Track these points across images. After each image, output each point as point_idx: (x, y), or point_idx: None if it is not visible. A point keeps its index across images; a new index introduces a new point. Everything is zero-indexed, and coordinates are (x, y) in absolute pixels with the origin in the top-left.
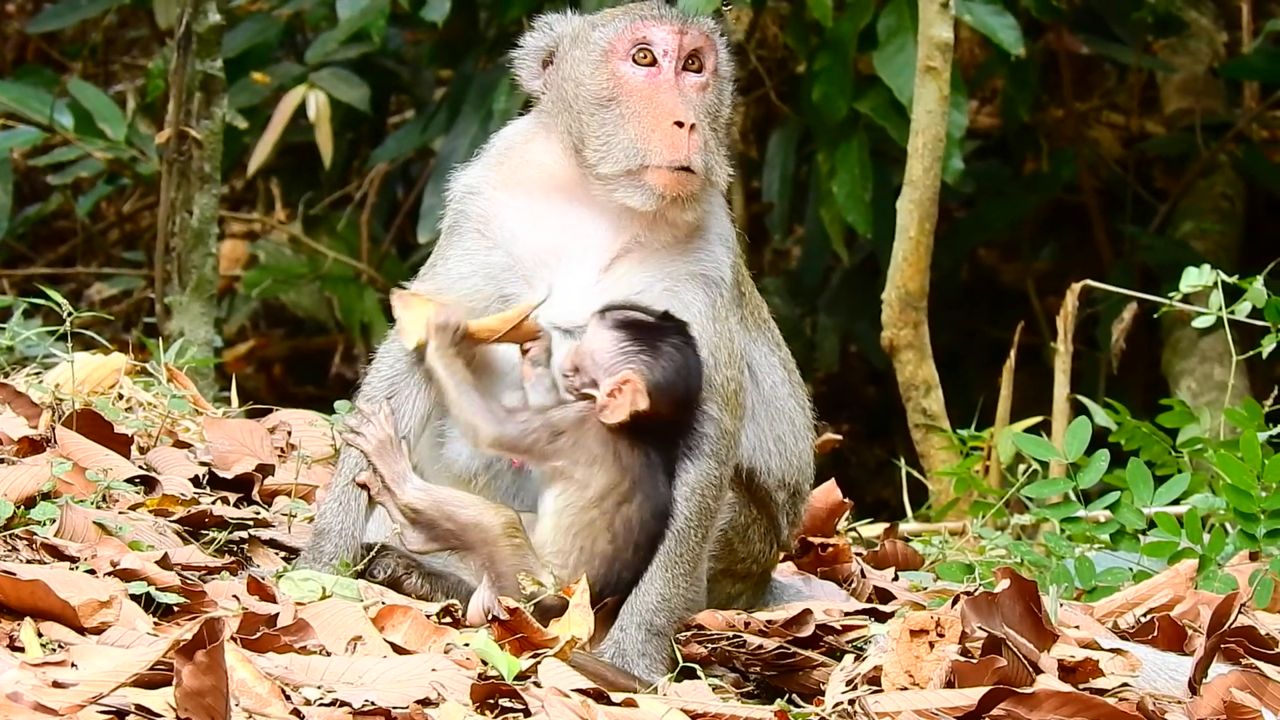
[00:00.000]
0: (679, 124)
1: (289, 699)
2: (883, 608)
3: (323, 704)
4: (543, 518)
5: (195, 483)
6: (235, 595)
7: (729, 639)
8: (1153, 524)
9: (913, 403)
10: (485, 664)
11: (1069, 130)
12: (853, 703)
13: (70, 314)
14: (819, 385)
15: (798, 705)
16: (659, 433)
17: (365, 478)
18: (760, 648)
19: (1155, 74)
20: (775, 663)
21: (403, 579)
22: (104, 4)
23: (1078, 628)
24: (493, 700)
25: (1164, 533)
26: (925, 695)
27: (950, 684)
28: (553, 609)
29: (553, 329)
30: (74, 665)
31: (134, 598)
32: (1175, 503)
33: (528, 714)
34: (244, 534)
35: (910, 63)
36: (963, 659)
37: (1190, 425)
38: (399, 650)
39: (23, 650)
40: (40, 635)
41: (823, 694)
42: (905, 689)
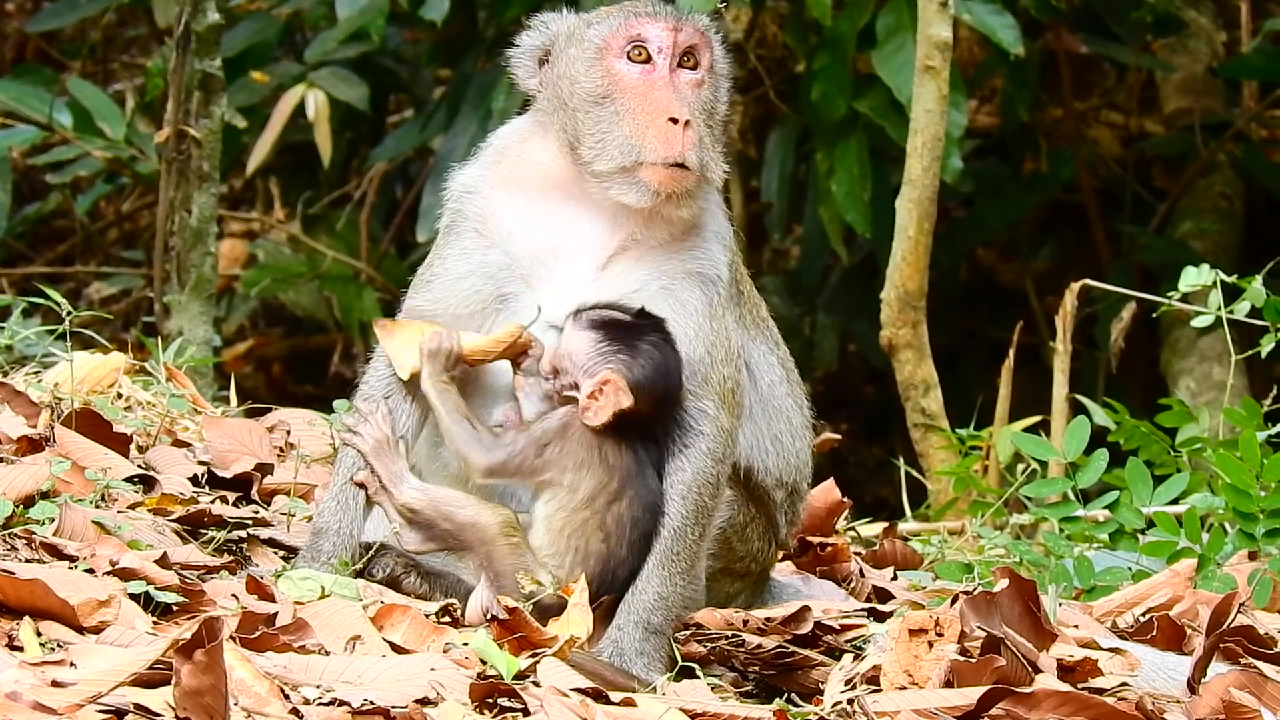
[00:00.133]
0: (673, 120)
1: (288, 698)
2: (881, 607)
3: (321, 703)
4: (535, 522)
5: (194, 482)
6: (234, 594)
7: (728, 638)
8: (1151, 523)
9: (911, 402)
10: (484, 663)
11: (1068, 130)
12: (851, 702)
13: (69, 313)
14: (818, 384)
15: (796, 704)
16: (643, 430)
17: (363, 477)
18: (759, 647)
19: (1154, 73)
20: (774, 662)
21: (401, 578)
22: (103, 3)
23: (1076, 627)
24: (491, 699)
25: (1163, 532)
26: (924, 695)
27: (949, 683)
28: (551, 608)
29: (549, 328)
30: (73, 664)
31: (133, 597)
32: (1174, 502)
33: (526, 713)
34: (243, 533)
35: (909, 62)
36: (961, 658)
37: (1189, 425)
38: (398, 649)
39: (22, 649)
40: (39, 634)
41: (821, 693)
42: (904, 688)
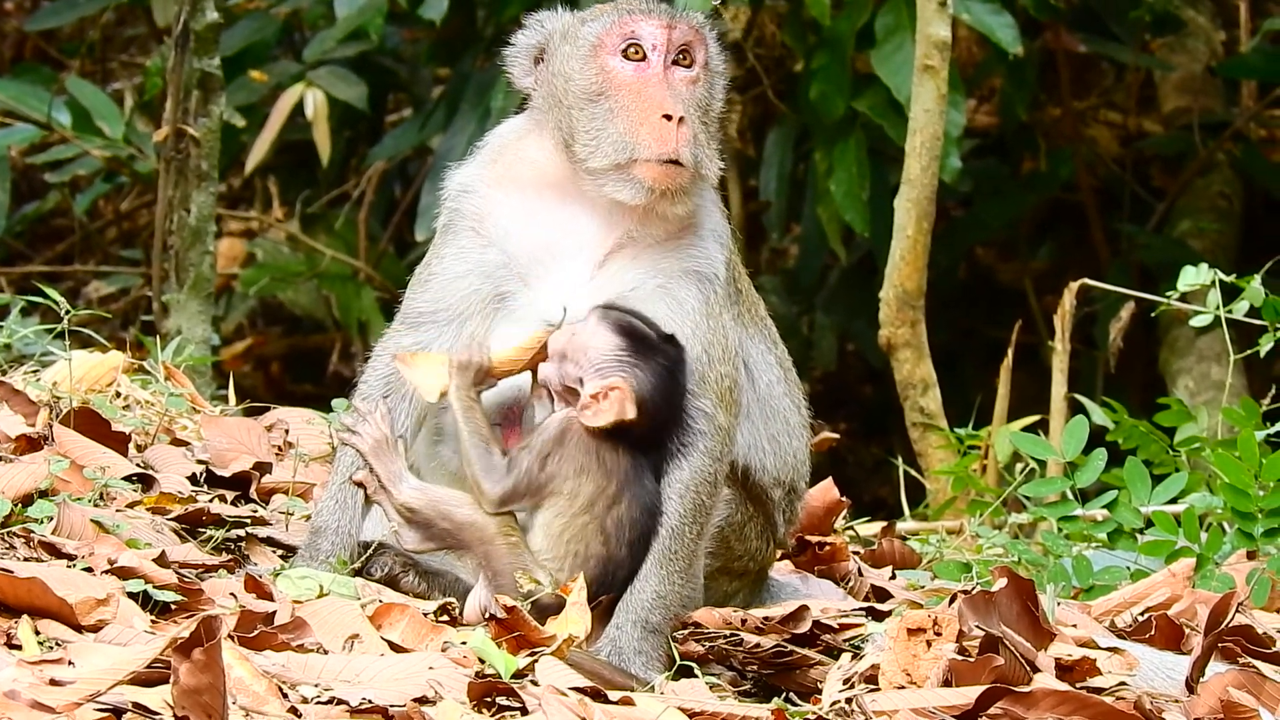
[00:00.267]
0: (667, 117)
1: (286, 697)
2: (880, 606)
3: (320, 702)
4: (534, 528)
5: (193, 481)
6: (232, 593)
7: (726, 637)
8: (1150, 523)
9: (910, 401)
10: (482, 662)
11: (1067, 129)
12: (850, 701)
13: (68, 312)
14: (816, 384)
15: (795, 704)
16: (636, 439)
17: (362, 476)
18: (757, 646)
19: (1153, 73)
20: (772, 661)
21: (400, 577)
22: (102, 2)
23: (1075, 626)
24: (490, 698)
25: (1161, 531)
26: (922, 694)
27: (947, 683)
28: (549, 607)
29: (546, 327)
30: (71, 663)
31: (131, 595)
32: (1173, 501)
33: (525, 712)
34: (241, 532)
35: (908, 61)
36: (960, 658)
37: (1188, 424)
38: (396, 648)
39: (20, 648)
40: (38, 633)
41: (820, 692)
42: (902, 688)
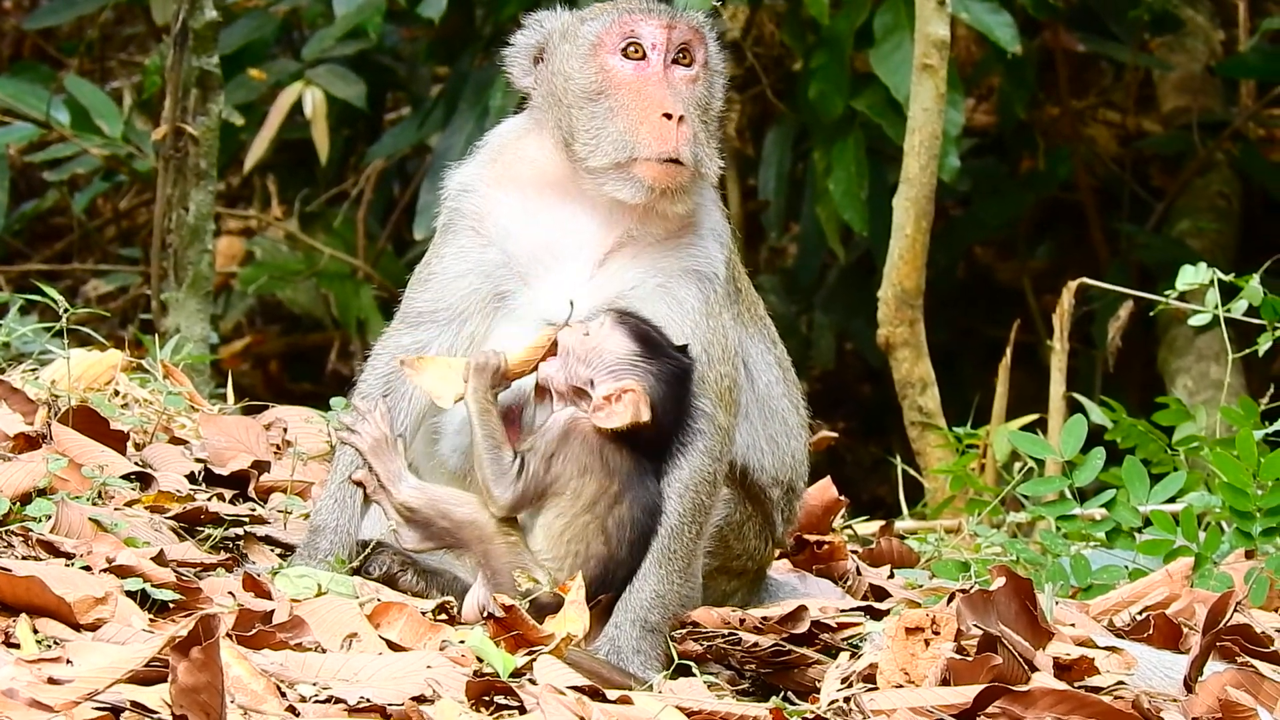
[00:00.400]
0: (667, 116)
1: (284, 696)
2: (878, 605)
3: (318, 701)
4: (535, 528)
5: (191, 479)
6: (231, 592)
7: (724, 636)
8: (1148, 522)
9: (909, 400)
10: (481, 661)
11: (1065, 128)
12: (848, 700)
13: (66, 310)
14: (815, 383)
15: (793, 703)
16: (641, 443)
17: (360, 475)
18: (756, 645)
19: (1152, 72)
20: (771, 660)
21: (398, 576)
22: (100, 0)
23: (1073, 625)
24: (488, 697)
25: (1160, 531)
26: (920, 693)
27: (945, 682)
28: (548, 606)
29: (549, 325)
30: (69, 662)
31: (129, 594)
32: (1171, 501)
33: (523, 711)
34: (240, 530)
35: (907, 60)
36: (958, 657)
37: (1186, 423)
38: (394, 647)
39: (18, 647)
40: (36, 632)
41: (818, 691)
42: (900, 686)
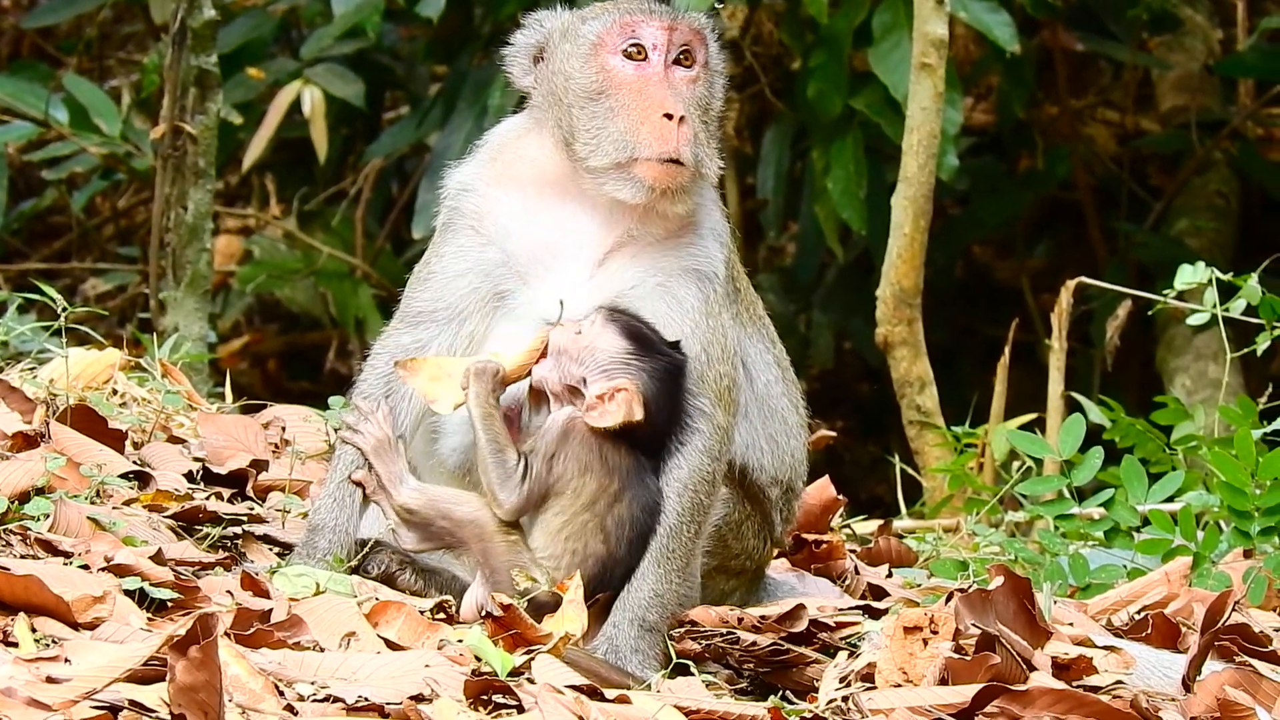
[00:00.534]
0: (668, 116)
1: (282, 695)
2: (876, 604)
3: (316, 700)
4: (535, 525)
5: (189, 478)
6: (229, 591)
7: (723, 635)
8: (1147, 521)
9: (907, 399)
10: (479, 660)
11: (1064, 127)
12: (846, 699)
13: (65, 309)
14: (813, 382)
15: (791, 702)
16: (637, 441)
17: (360, 475)
18: (754, 644)
19: (1150, 71)
20: (769, 659)
21: (397, 575)
22: None
23: (1071, 625)
24: (486, 696)
25: (1158, 530)
26: (919, 692)
27: (944, 681)
28: (546, 605)
29: (545, 325)
30: (67, 661)
31: (128, 593)
32: (1169, 500)
33: (521, 710)
34: (238, 529)
35: (905, 59)
36: (956, 656)
37: (1184, 423)
38: (393, 646)
39: (16, 645)
40: (34, 630)
41: (816, 691)
42: (899, 686)
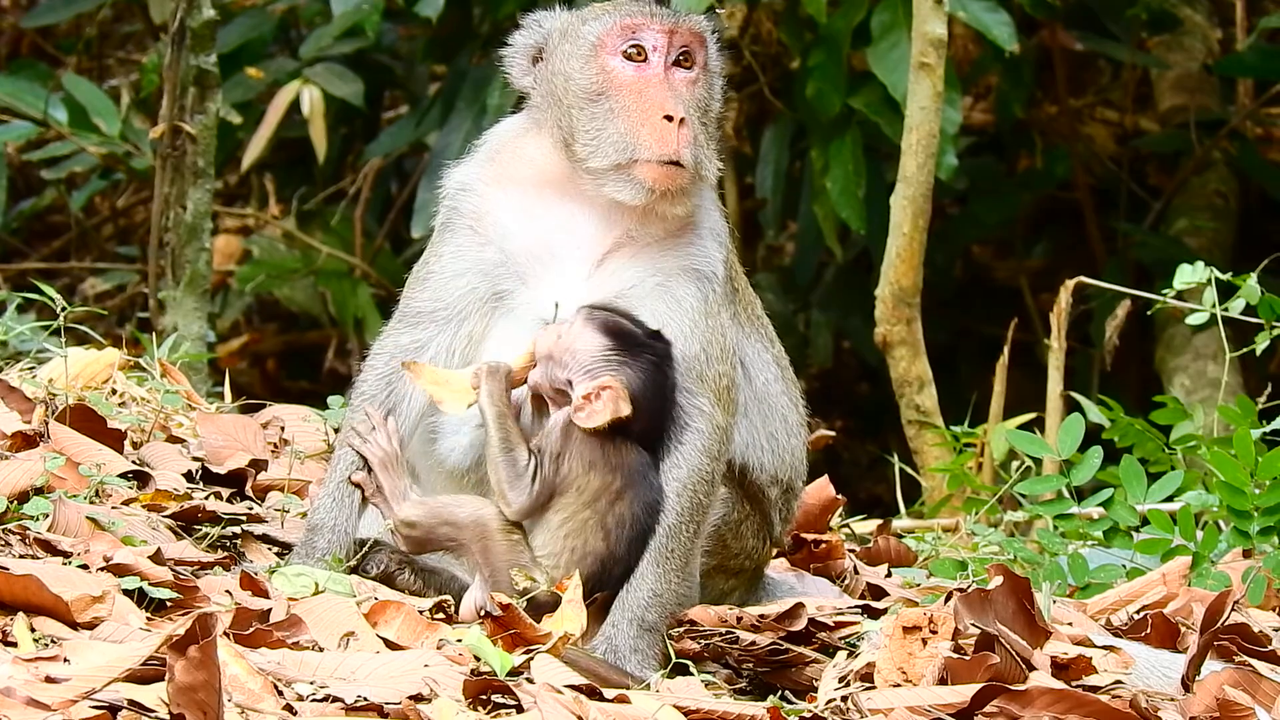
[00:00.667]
0: (668, 118)
1: (281, 694)
2: (876, 604)
3: (315, 699)
4: (536, 523)
5: (188, 478)
6: (228, 590)
7: (722, 635)
8: (1146, 521)
9: (906, 399)
10: (478, 660)
11: (1063, 127)
12: (845, 699)
13: (64, 309)
14: (812, 381)
15: (790, 701)
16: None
17: (360, 477)
18: (753, 644)
19: (1149, 71)
20: (768, 659)
21: (396, 575)
22: None
23: (1071, 625)
24: (485, 696)
25: (1157, 530)
26: (918, 692)
27: (943, 681)
28: (545, 605)
29: (542, 323)
30: (66, 660)
31: (127, 593)
32: (1169, 500)
33: (520, 710)
34: (237, 529)
35: (904, 59)
36: (955, 656)
37: (1184, 422)
38: (392, 646)
39: (15, 645)
40: (33, 630)
41: (815, 690)
42: (898, 686)
